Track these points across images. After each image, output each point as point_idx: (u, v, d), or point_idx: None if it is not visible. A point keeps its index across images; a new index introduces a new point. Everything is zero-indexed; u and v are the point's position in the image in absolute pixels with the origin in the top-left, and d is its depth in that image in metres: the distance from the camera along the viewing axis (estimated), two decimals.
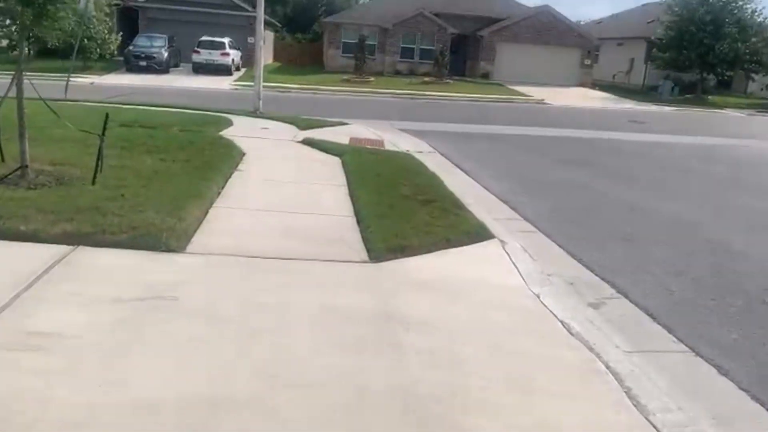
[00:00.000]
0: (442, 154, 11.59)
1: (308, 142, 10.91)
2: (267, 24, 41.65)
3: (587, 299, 4.79)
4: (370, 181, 7.53)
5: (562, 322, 4.20)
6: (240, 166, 8.08)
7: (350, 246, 5.18)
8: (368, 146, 11.20)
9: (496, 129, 16.94)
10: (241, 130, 11.91)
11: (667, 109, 30.13)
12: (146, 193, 5.83)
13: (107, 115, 6.03)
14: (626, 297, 4.93)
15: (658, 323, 4.45)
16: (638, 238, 6.76)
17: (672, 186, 10.27)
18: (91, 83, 25.35)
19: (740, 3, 33.76)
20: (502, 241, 5.70)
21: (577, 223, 7.20)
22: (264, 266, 4.59)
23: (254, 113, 15.22)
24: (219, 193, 6.52)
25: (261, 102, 15.55)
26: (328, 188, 7.41)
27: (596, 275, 5.38)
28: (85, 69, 28.35)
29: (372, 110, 20.74)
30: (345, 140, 11.73)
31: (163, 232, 4.77)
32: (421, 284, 4.53)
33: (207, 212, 5.74)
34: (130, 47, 29.95)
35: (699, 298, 5.05)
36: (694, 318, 4.62)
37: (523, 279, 4.91)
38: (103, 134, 6.19)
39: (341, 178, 7.97)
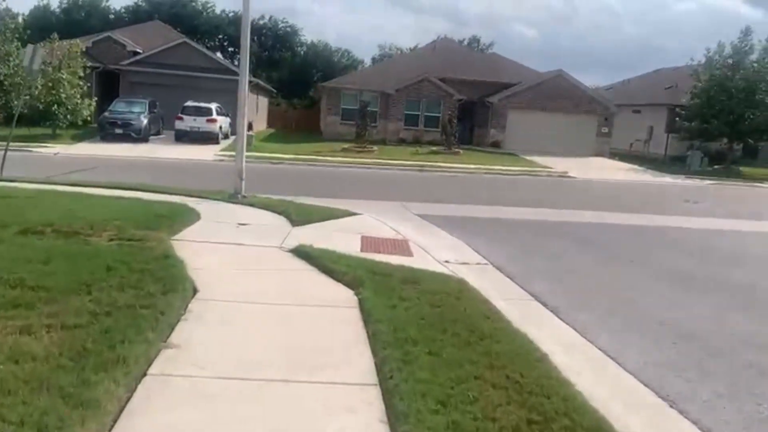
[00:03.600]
0: (497, 268, 7.99)
1: (304, 255, 7.29)
2: (261, 89, 39.10)
3: None
4: (424, 376, 3.84)
5: None
6: (175, 335, 4.34)
7: None
8: (392, 259, 7.54)
9: (536, 214, 13.46)
10: (207, 232, 8.32)
11: (704, 183, 26.88)
12: None
13: None
14: None
15: None
16: None
17: None
18: (55, 154, 22.11)
19: None
20: None
21: None
22: None
23: (234, 197, 11.71)
24: None
25: (243, 183, 12.00)
26: (342, 402, 3.69)
27: None
28: (54, 137, 25.21)
29: (379, 187, 17.37)
30: (356, 245, 8.18)
31: None
32: None
33: None
34: (106, 113, 26.83)
35: None
36: None
37: None
38: None
39: (365, 360, 4.24)
